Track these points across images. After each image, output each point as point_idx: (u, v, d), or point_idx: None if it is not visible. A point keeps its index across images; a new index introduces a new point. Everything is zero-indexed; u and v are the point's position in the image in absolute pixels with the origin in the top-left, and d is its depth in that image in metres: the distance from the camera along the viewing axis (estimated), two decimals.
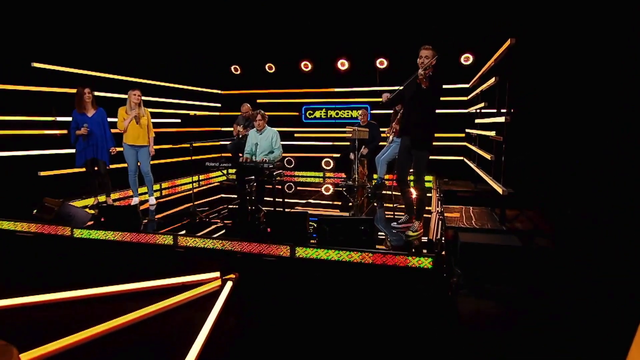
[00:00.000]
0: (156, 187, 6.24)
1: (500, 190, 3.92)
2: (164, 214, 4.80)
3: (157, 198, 5.67)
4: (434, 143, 3.93)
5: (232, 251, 3.69)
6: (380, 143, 6.43)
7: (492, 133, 4.68)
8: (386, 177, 6.23)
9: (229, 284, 3.14)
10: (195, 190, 5.06)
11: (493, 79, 4.66)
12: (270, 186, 4.77)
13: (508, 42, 3.85)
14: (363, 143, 6.42)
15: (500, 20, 6.63)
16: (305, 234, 3.70)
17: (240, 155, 6.66)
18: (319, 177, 8.12)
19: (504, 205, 4.15)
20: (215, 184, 7.39)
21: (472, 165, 6.17)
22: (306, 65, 8.57)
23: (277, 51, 8.51)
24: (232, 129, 7.00)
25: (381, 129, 6.74)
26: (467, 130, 7.25)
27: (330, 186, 7.08)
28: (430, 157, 3.92)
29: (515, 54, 3.87)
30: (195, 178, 7.29)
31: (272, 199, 4.76)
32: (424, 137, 3.82)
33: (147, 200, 5.29)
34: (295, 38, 8.28)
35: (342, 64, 8.35)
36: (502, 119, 4.04)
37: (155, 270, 3.36)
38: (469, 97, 7.19)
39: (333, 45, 8.19)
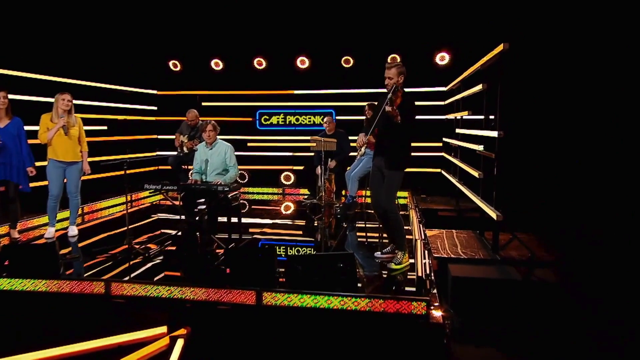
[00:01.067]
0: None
1: (494, 216, 3.94)
2: (90, 249, 4.45)
3: (78, 225, 5.28)
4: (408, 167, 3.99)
5: (181, 299, 3.39)
6: (351, 154, 6.42)
7: (480, 147, 4.74)
8: (359, 193, 6.27)
9: (180, 343, 2.93)
10: (126, 213, 4.69)
11: (480, 86, 4.72)
12: (225, 215, 4.56)
13: (500, 47, 3.89)
14: (330, 155, 6.35)
15: (479, 15, 6.84)
16: (273, 274, 3.48)
17: (184, 167, 6.33)
18: (277, 193, 7.99)
19: (496, 229, 4.17)
20: (148, 204, 6.97)
21: (452, 180, 6.25)
22: (260, 63, 8.42)
23: (225, 44, 8.28)
24: (173, 137, 6.61)
25: (350, 138, 6.73)
26: (445, 140, 7.37)
27: (291, 204, 7.05)
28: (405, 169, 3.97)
29: (508, 60, 3.94)
30: (124, 199, 6.74)
31: (226, 224, 4.59)
32: (396, 158, 3.89)
33: (65, 229, 4.91)
34: (246, 29, 8.11)
35: (303, 62, 8.30)
36: (493, 134, 4.07)
37: (82, 328, 3.10)
38: (447, 102, 7.33)
39: (292, 39, 8.11)
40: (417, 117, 3.87)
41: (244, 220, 5.12)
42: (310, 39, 8.01)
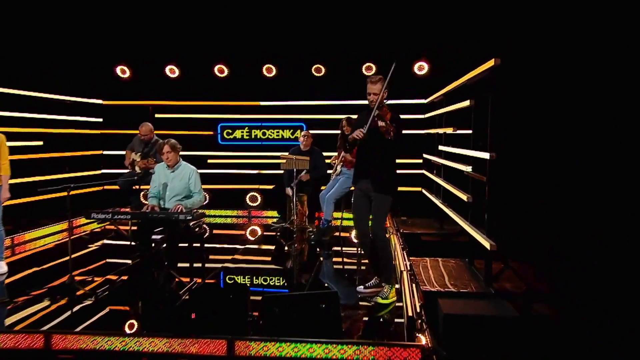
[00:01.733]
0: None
1: (487, 245, 3.94)
2: (22, 289, 4.15)
3: (7, 259, 5.01)
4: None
5: (138, 352, 3.17)
6: (328, 171, 6.43)
7: (467, 168, 4.76)
8: (334, 216, 6.24)
9: None
10: (69, 243, 4.41)
11: (467, 102, 4.76)
12: (186, 243, 4.41)
13: (491, 63, 3.93)
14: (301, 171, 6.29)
15: (459, 24, 7.00)
16: (246, 318, 3.32)
17: (135, 187, 6.08)
18: (242, 216, 7.86)
19: (489, 259, 4.18)
20: (90, 230, 6.63)
21: (435, 201, 6.28)
22: (221, 70, 8.30)
23: (182, 49, 8.12)
24: (122, 152, 6.35)
25: (325, 154, 6.74)
26: (425, 156, 7.44)
27: (257, 229, 6.98)
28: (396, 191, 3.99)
29: (499, 77, 4.00)
30: (64, 226, 6.41)
31: (187, 253, 4.43)
32: (386, 179, 3.91)
33: None
34: (206, 32, 7.98)
35: (269, 70, 8.25)
36: (484, 155, 4.09)
37: None
38: (427, 115, 7.41)
39: (257, 45, 8.05)
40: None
41: (206, 246, 4.97)
42: (278, 44, 7.98)
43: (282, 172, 6.50)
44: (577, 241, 4.18)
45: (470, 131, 4.91)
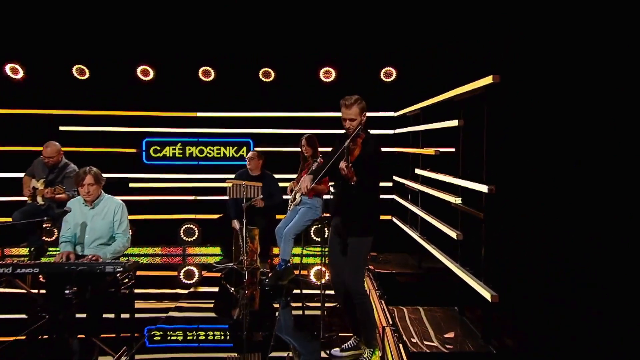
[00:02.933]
0: None
1: (488, 297, 3.91)
2: None
3: None
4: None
5: None
6: (285, 196, 6.36)
7: (456, 200, 4.78)
8: (294, 253, 6.14)
9: None
10: None
11: (455, 122, 4.78)
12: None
13: (488, 80, 3.95)
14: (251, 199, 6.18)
15: (429, 27, 7.11)
16: None
17: (44, 220, 5.58)
18: (174, 254, 7.57)
19: (487, 312, 4.15)
20: None
21: (413, 235, 6.27)
22: (146, 72, 7.99)
23: (94, 44, 7.73)
24: (17, 175, 5.93)
25: (278, 176, 6.63)
26: (396, 179, 7.44)
27: (195, 269, 6.84)
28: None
29: (497, 96, 4.03)
30: None
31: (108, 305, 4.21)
32: (362, 218, 3.83)
33: None
34: (126, 24, 7.66)
35: (207, 74, 8.06)
36: (481, 188, 4.09)
37: None
38: (399, 130, 7.43)
39: (191, 42, 7.82)
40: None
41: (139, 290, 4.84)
42: (217, 41, 7.80)
43: (226, 198, 6.28)
44: (596, 289, 4.23)
45: (452, 151, 4.92)
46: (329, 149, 4.00)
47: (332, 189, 4.18)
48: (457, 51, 6.49)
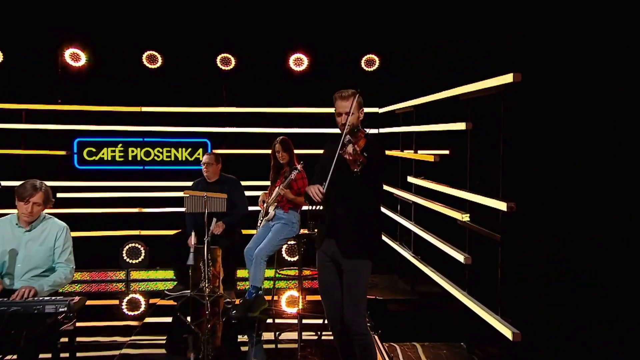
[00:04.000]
0: None
1: (509, 335, 3.88)
2: None
3: None
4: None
5: None
6: (251, 208, 6.39)
7: (464, 217, 4.75)
8: (266, 279, 6.08)
9: None
10: None
11: (463, 125, 4.78)
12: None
13: (508, 78, 3.92)
14: (215, 216, 6.13)
15: (424, 5, 7.15)
16: None
17: None
18: (116, 280, 7.40)
19: (507, 349, 4.14)
20: None
21: (407, 255, 6.25)
22: (76, 57, 7.76)
23: (10, 21, 7.45)
24: None
25: (245, 183, 6.58)
26: (384, 188, 7.42)
27: (140, 299, 6.76)
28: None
29: (518, 98, 4.03)
30: None
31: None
32: (363, 238, 3.80)
33: None
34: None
35: (152, 60, 7.90)
36: (499, 205, 4.07)
37: None
38: (385, 130, 7.41)
39: (132, 21, 7.61)
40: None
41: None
42: (165, 21, 7.62)
43: (182, 210, 6.22)
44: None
45: (449, 156, 4.87)
46: (308, 152, 3.95)
47: (318, 207, 4.03)
48: (461, 39, 6.46)
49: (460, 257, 4.73)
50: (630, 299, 4.26)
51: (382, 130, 7.55)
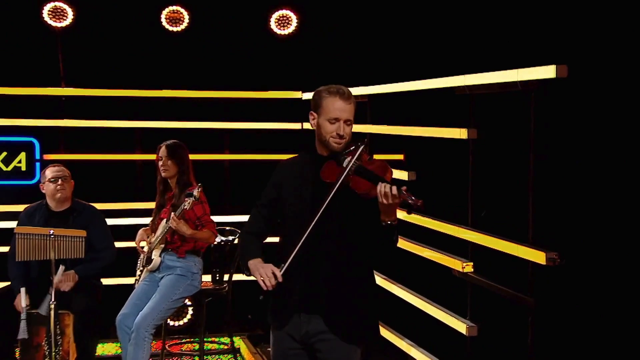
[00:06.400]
0: None
1: None
2: None
3: None
4: None
5: None
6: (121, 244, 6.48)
7: (467, 266, 4.76)
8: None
9: None
10: None
11: (465, 132, 4.76)
12: None
13: (549, 71, 3.95)
14: (62, 262, 5.83)
15: None
16: None
17: None
18: None
19: None
20: None
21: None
22: None
23: None
24: None
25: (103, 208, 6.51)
26: None
27: None
28: None
29: (562, 98, 4.11)
30: None
31: None
32: (364, 313, 3.77)
33: None
34: None
35: None
36: (529, 254, 4.07)
37: None
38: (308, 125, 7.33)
39: None
40: None
41: None
42: None
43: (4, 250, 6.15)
44: None
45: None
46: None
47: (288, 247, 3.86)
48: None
49: (460, 325, 4.73)
50: None
51: (306, 126, 7.43)
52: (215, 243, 6.25)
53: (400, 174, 5.74)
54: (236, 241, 6.39)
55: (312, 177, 3.62)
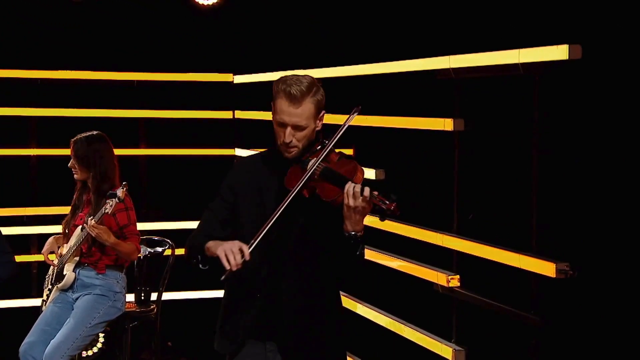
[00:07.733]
0: None
1: None
2: None
3: None
4: None
5: None
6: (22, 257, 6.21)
7: (452, 280, 4.79)
8: None
9: None
10: None
11: (450, 122, 4.80)
12: None
13: (561, 51, 3.98)
14: None
15: None
16: None
17: None
18: None
19: None
20: None
21: None
22: None
23: None
24: None
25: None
26: None
27: None
28: None
29: (575, 84, 4.14)
30: None
31: None
32: (331, 341, 3.83)
33: None
34: None
35: None
36: (535, 266, 4.11)
37: None
38: (241, 114, 7.32)
39: None
40: None
41: None
42: None
43: None
44: None
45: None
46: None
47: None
48: None
49: (445, 350, 4.77)
50: None
51: (238, 115, 7.42)
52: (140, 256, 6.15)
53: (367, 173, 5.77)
54: (166, 252, 6.38)
55: (276, 182, 3.58)
